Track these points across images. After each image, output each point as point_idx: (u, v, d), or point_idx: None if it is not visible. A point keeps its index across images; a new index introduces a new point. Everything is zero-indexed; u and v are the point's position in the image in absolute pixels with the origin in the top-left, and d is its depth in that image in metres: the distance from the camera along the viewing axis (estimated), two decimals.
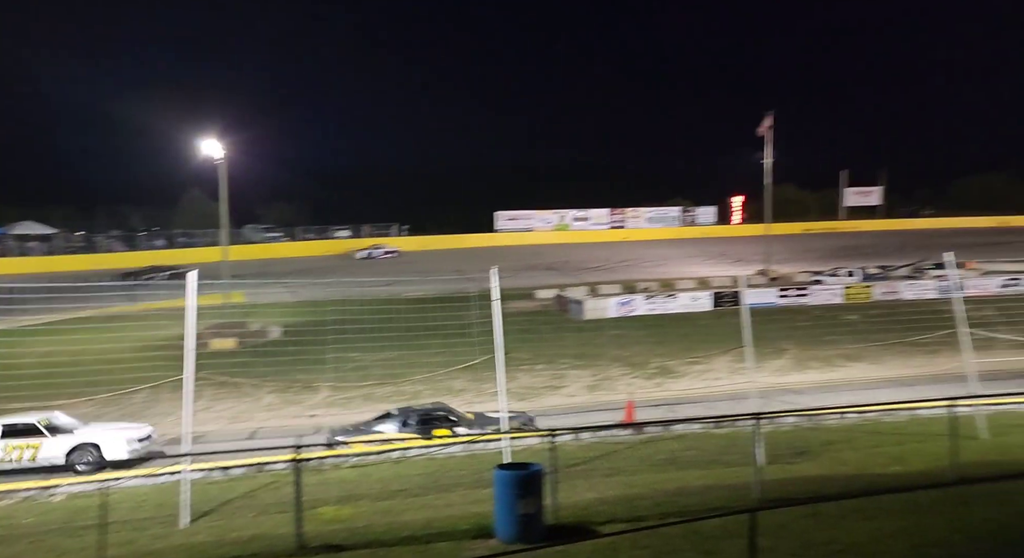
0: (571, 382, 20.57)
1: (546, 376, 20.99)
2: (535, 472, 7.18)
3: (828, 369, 22.69)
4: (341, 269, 45.25)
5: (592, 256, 56.43)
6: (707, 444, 12.59)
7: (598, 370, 21.75)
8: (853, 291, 33.76)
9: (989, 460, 10.29)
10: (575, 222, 77.30)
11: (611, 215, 77.95)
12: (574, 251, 61.60)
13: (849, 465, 10.79)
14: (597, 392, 19.78)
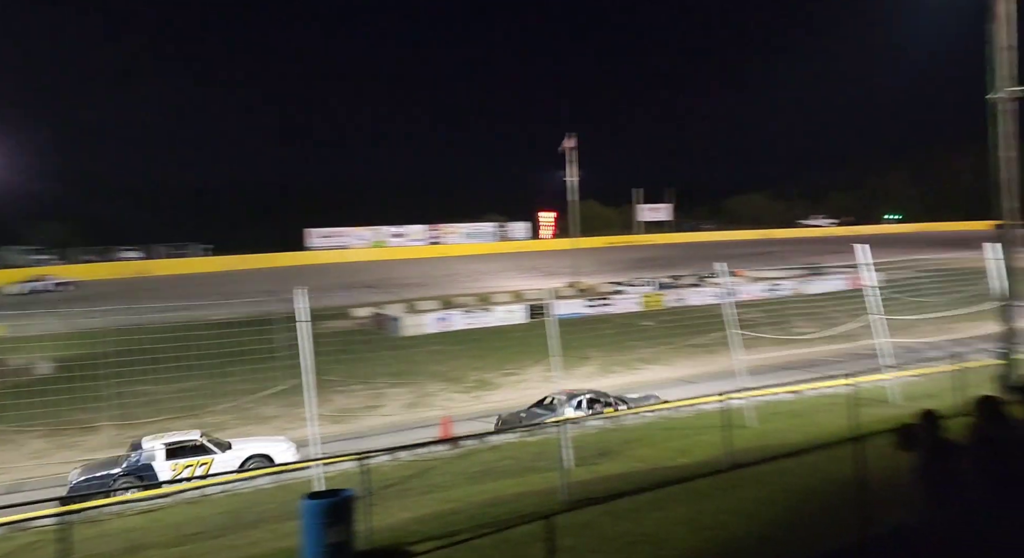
0: (389, 401, 20.34)
1: (363, 396, 20.57)
2: (344, 499, 7.05)
3: (629, 372, 24.54)
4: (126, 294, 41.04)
5: (410, 272, 56.37)
6: (521, 453, 13.08)
7: (416, 387, 21.73)
8: (649, 299, 36.82)
9: (757, 445, 11.76)
10: (392, 239, 76.83)
11: (428, 231, 78.53)
12: (392, 268, 61.13)
13: (645, 461, 11.76)
14: (416, 409, 19.74)
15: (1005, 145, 12.22)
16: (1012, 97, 11.91)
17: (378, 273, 56.24)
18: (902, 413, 13.61)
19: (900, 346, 22.19)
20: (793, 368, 21.73)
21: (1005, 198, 12.57)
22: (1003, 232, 12.91)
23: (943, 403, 13.45)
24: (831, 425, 13.36)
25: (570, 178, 45.88)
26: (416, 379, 22.46)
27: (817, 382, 17.11)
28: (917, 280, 27.02)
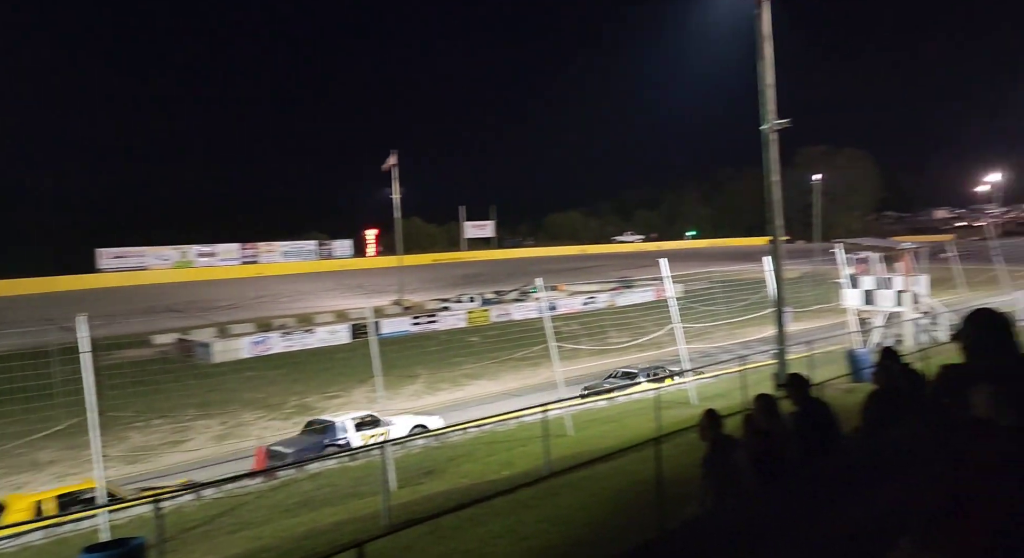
0: (196, 434, 18.70)
1: (165, 432, 18.73)
2: (132, 548, 6.27)
3: (456, 389, 24.67)
4: None
5: (222, 294, 52.50)
6: (342, 479, 12.56)
7: (229, 417, 20.21)
8: (474, 315, 37.38)
9: (574, 453, 12.26)
10: (200, 258, 71.17)
11: (242, 250, 73.76)
12: (200, 290, 56.54)
13: (470, 476, 11.79)
14: (227, 441, 18.34)
15: (772, 170, 13.92)
16: (776, 128, 13.60)
17: (183, 296, 51.76)
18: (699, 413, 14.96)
19: (697, 351, 24.44)
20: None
21: (774, 216, 14.29)
22: (774, 246, 14.66)
23: (731, 401, 14.94)
24: (640, 428, 14.29)
25: (395, 195, 45.49)
26: (228, 408, 20.89)
27: (628, 388, 18.25)
28: (710, 291, 29.92)
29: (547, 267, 68.33)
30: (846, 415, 6.37)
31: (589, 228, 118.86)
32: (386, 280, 55.34)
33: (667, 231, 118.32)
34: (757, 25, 13.35)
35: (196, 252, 70.91)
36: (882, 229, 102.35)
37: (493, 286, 49.96)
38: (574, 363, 25.48)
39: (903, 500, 2.62)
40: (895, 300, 20.89)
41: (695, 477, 7.72)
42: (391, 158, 43.33)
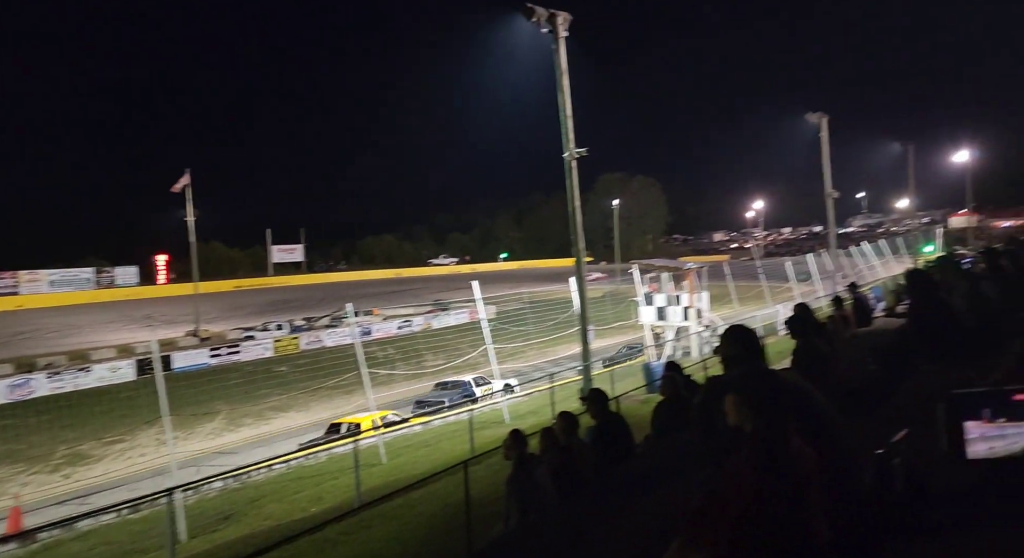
0: None
1: None
2: None
3: (262, 423, 23.09)
4: None
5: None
6: (121, 535, 11.13)
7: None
8: (282, 344, 35.44)
9: (387, 482, 11.92)
10: None
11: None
12: None
13: (273, 518, 11.00)
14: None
15: (574, 195, 14.79)
16: (576, 156, 14.50)
17: None
18: None
19: (511, 370, 25.13)
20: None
21: (577, 239, 15.16)
22: (576, 267, 15.53)
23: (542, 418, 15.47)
24: (455, 451, 14.29)
25: (189, 217, 41.92)
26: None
27: (444, 411, 18.23)
28: (521, 311, 30.99)
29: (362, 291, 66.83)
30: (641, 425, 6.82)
31: (404, 252, 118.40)
32: (180, 310, 50.68)
33: (481, 254, 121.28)
34: (556, 60, 14.18)
35: None
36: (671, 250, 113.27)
37: (303, 312, 47.79)
38: (390, 388, 25.02)
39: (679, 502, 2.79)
40: (683, 315, 23.05)
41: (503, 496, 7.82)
42: (184, 177, 39.93)
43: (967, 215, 53.09)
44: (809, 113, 27.05)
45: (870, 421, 2.65)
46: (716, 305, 27.02)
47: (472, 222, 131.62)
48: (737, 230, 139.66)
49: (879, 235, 71.11)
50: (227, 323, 43.96)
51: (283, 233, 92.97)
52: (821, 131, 27.01)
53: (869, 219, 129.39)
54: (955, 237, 46.63)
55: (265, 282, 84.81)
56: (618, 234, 69.52)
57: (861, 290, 10.19)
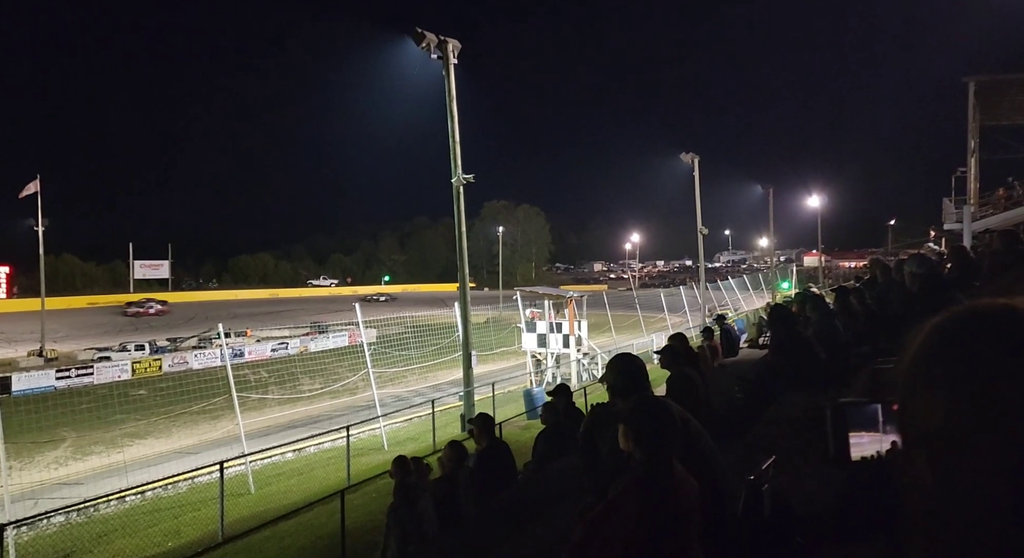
0: None
1: None
2: None
3: (114, 451, 21.18)
4: None
5: None
6: None
7: None
8: (142, 365, 32.91)
9: (255, 512, 11.28)
10: None
11: None
12: None
13: (122, 554, 10.10)
14: None
15: (460, 220, 14.88)
16: (464, 182, 14.63)
17: None
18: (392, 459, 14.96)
19: (391, 395, 24.63)
20: (298, 426, 21.89)
21: (463, 263, 15.23)
22: (461, 292, 15.57)
23: (422, 444, 15.27)
24: (330, 479, 13.77)
25: (39, 228, 38.27)
26: None
27: (318, 437, 17.53)
28: (403, 335, 30.52)
29: (234, 311, 63.46)
30: (522, 452, 6.88)
31: (281, 271, 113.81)
32: (23, 326, 45.90)
33: (363, 276, 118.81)
34: (446, 86, 14.32)
35: None
36: (553, 279, 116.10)
37: (168, 332, 44.69)
38: (262, 413, 23.77)
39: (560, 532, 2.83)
40: (563, 342, 23.61)
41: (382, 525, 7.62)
42: (32, 184, 36.48)
43: (817, 255, 58.27)
44: (683, 153, 28.81)
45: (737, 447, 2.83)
46: (594, 333, 27.91)
47: (355, 244, 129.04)
48: (615, 261, 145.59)
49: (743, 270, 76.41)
50: (79, 342, 40.29)
51: (147, 248, 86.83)
52: (694, 171, 28.81)
53: (734, 255, 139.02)
54: (807, 275, 50.99)
55: (125, 299, 78.59)
56: (502, 261, 70.44)
57: (728, 322, 10.90)
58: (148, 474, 16.05)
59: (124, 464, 19.01)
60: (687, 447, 1.95)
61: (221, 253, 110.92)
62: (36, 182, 36.42)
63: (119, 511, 13.16)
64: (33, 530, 11.40)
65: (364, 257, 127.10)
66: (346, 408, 24.73)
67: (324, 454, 17.34)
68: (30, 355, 35.20)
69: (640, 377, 2.36)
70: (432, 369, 29.43)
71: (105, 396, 27.12)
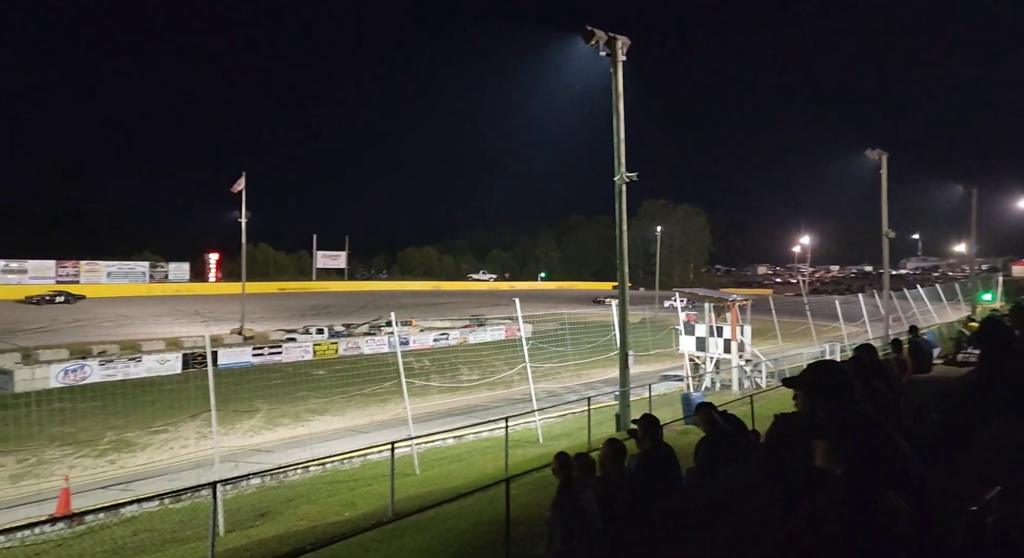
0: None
1: None
2: None
3: (298, 424, 23.42)
4: None
5: (31, 316, 46.78)
6: (163, 523, 11.41)
7: (28, 454, 17.83)
8: (322, 348, 35.98)
9: (421, 492, 11.99)
10: (6, 275, 63.04)
11: (59, 268, 66.13)
12: (4, 310, 50.03)
13: (307, 519, 11.14)
14: (24, 482, 16.12)
15: (622, 219, 14.79)
16: (627, 180, 14.51)
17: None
18: (547, 452, 15.24)
19: (544, 391, 25.05)
20: (456, 414, 22.95)
21: (622, 263, 15.13)
22: (620, 291, 15.47)
23: (577, 441, 15.39)
24: (489, 467, 14.29)
25: (242, 219, 43.15)
26: (28, 445, 18.42)
27: (477, 426, 18.26)
28: (558, 332, 30.91)
29: (400, 301, 67.50)
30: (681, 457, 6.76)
31: (444, 265, 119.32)
32: (227, 308, 51.97)
33: (520, 272, 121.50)
34: (613, 84, 14.27)
35: (1, 267, 62.69)
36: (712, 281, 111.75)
37: (343, 318, 48.48)
38: (424, 400, 25.16)
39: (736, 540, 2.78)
40: (724, 347, 22.71)
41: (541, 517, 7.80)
42: (240, 180, 41.20)
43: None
44: (869, 150, 26.57)
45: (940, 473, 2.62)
46: (758, 339, 26.55)
47: (513, 240, 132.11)
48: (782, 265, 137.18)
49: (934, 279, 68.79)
50: (270, 324, 44.87)
51: (328, 240, 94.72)
52: (881, 169, 26.50)
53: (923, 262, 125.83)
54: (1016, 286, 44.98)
55: (308, 286, 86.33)
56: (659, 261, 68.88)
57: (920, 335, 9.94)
58: (327, 448, 17.61)
59: (308, 437, 20.98)
60: (897, 469, 1.83)
61: (391, 246, 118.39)
62: (243, 179, 41.08)
63: (304, 479, 14.55)
64: (235, 489, 12.92)
65: (522, 253, 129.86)
66: (502, 400, 25.50)
67: (482, 443, 18.01)
68: (232, 333, 39.71)
69: (845, 388, 2.21)
70: (586, 367, 29.55)
71: (291, 374, 30.06)
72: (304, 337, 38.53)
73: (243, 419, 22.58)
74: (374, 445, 15.16)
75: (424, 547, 8.55)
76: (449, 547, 8.56)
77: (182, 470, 16.28)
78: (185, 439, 19.98)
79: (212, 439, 12.73)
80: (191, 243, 78.66)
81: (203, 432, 19.51)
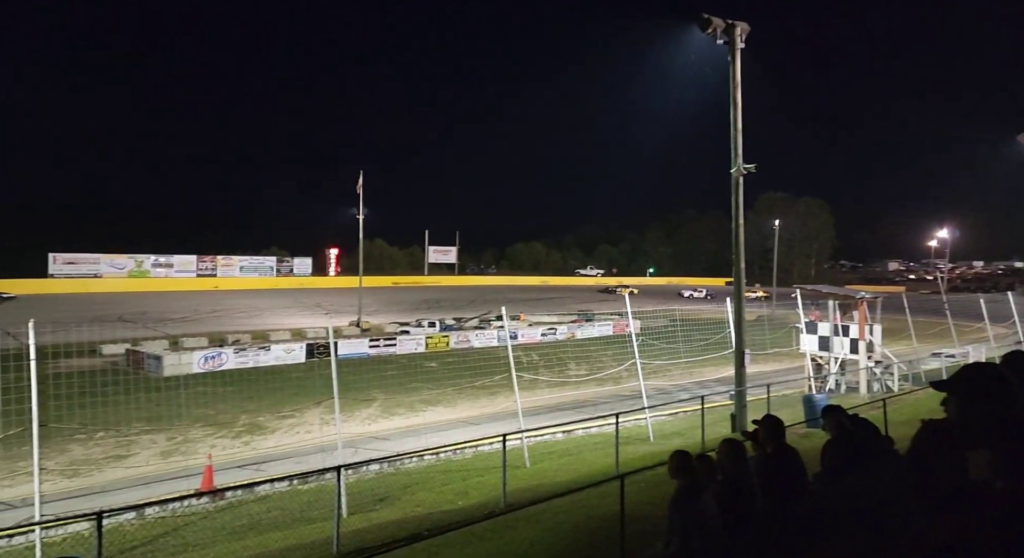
0: (141, 449, 18.01)
1: (108, 445, 18.00)
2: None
3: (412, 414, 24.29)
4: None
5: (176, 306, 51.20)
6: (292, 502, 12.21)
7: (176, 433, 19.54)
8: (433, 341, 37.08)
9: (531, 485, 12.15)
10: (156, 268, 69.36)
11: (199, 262, 72.08)
12: (154, 301, 55.03)
13: (423, 505, 11.57)
14: (173, 458, 17.69)
15: (738, 213, 14.27)
16: (744, 172, 13.99)
17: (136, 306, 50.30)
18: (658, 450, 15.01)
19: (654, 388, 24.62)
20: (564, 409, 22.99)
21: (738, 258, 14.61)
22: (735, 287, 14.95)
23: (690, 440, 15.05)
24: (598, 463, 14.26)
25: (360, 216, 45.28)
26: (176, 424, 20.21)
27: (586, 422, 18.23)
28: (668, 329, 30.27)
29: (508, 296, 68.40)
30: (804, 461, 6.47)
31: (551, 260, 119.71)
32: (345, 300, 54.63)
33: (628, 267, 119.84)
34: (731, 72, 13.78)
35: (152, 262, 69.04)
36: (836, 277, 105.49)
37: (453, 312, 49.72)
38: (532, 394, 25.39)
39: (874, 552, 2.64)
40: (850, 347, 21.43)
41: (654, 515, 7.71)
42: (359, 180, 43.32)
43: None
44: (1021, 135, 24.18)
45: None
46: (889, 340, 24.84)
47: (621, 235, 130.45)
48: (916, 260, 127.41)
49: None
50: (384, 317, 46.75)
51: (439, 235, 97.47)
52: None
53: None
54: None
55: (420, 280, 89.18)
56: (777, 256, 65.80)
57: None
58: (439, 438, 18.17)
59: (421, 426, 21.73)
60: None
61: (500, 242, 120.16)
62: (360, 178, 43.22)
63: (419, 467, 15.10)
64: (356, 474, 13.61)
65: (630, 248, 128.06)
66: (610, 396, 25.30)
67: (591, 438, 17.98)
68: (350, 325, 41.72)
69: (1006, 394, 2.03)
70: (697, 365, 28.78)
71: (405, 365, 31.17)
72: (417, 330, 39.83)
73: (361, 408, 23.66)
74: (485, 437, 15.49)
75: (536, 539, 8.67)
76: (561, 540, 8.63)
77: (307, 453, 17.28)
78: (310, 424, 21.19)
79: (335, 425, 13.48)
80: (314, 239, 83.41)
81: (325, 418, 20.62)
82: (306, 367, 29.38)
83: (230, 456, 17.31)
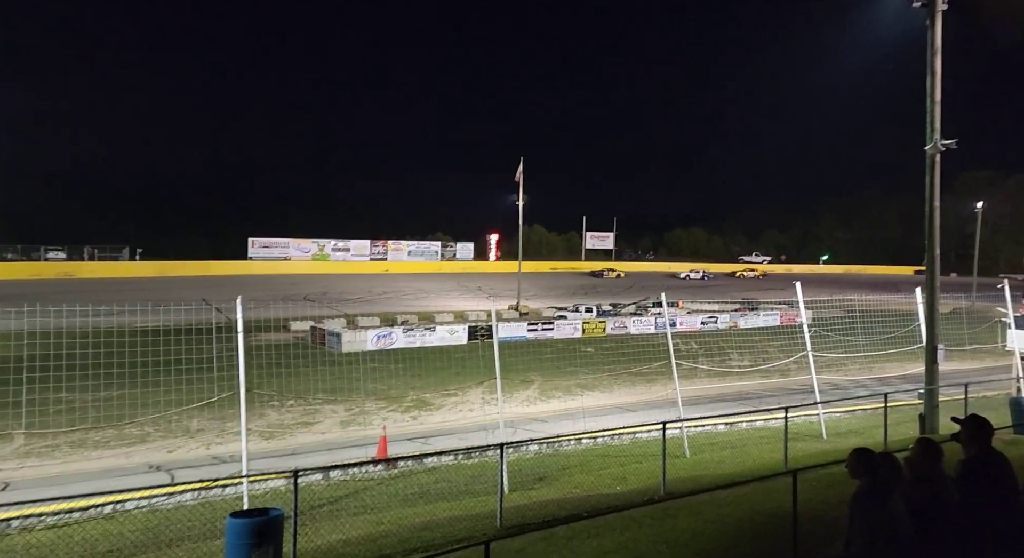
0: (324, 418, 19.80)
1: (297, 412, 19.96)
2: (272, 518, 6.72)
3: (568, 398, 24.57)
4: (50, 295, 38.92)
5: (352, 287, 55.46)
6: (458, 475, 12.85)
7: (353, 404, 21.24)
8: (590, 326, 37.16)
9: (691, 475, 11.87)
10: (335, 252, 75.57)
11: (372, 247, 77.52)
12: (333, 282, 60.01)
13: (581, 487, 11.71)
14: (351, 427, 19.28)
15: (934, 194, 12.88)
16: (942, 149, 12.57)
17: (319, 286, 55.14)
18: (831, 448, 14.04)
19: (827, 382, 22.98)
20: (726, 400, 22.15)
21: (933, 245, 13.20)
22: (928, 276, 13.52)
23: (869, 439, 13.92)
24: (764, 458, 13.62)
25: (519, 202, 46.32)
26: (353, 396, 21.96)
27: (751, 414, 17.44)
28: (844, 320, 28.09)
29: (667, 283, 66.82)
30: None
31: (712, 246, 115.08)
32: (504, 285, 56.20)
33: (799, 254, 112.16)
34: (929, 37, 12.42)
35: (332, 246, 75.31)
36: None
37: (610, 298, 49.47)
38: (691, 382, 24.69)
39: None
40: None
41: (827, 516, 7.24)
42: (519, 168, 44.34)
43: None
44: None
45: None
46: None
47: (790, 220, 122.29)
48: None
49: None
50: (542, 301, 47.53)
51: (596, 221, 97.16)
52: None
53: None
54: None
55: (577, 266, 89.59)
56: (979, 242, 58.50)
57: None
58: (596, 422, 18.22)
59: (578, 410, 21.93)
60: None
61: (658, 227, 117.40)
62: (520, 166, 44.27)
63: (576, 450, 15.28)
64: (516, 452, 14.04)
65: (800, 234, 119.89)
66: (776, 389, 24.02)
67: (756, 432, 17.20)
68: (509, 309, 42.90)
69: None
70: (879, 360, 26.48)
71: (562, 349, 31.56)
72: (574, 315, 40.12)
73: (520, 389, 24.31)
74: (644, 423, 15.33)
75: (697, 530, 8.47)
76: (724, 533, 8.37)
77: (469, 431, 18.06)
78: (472, 403, 22.12)
79: (496, 405, 13.98)
80: (475, 225, 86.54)
81: (486, 398, 21.42)
82: (468, 348, 30.65)
83: (400, 429, 18.52)
